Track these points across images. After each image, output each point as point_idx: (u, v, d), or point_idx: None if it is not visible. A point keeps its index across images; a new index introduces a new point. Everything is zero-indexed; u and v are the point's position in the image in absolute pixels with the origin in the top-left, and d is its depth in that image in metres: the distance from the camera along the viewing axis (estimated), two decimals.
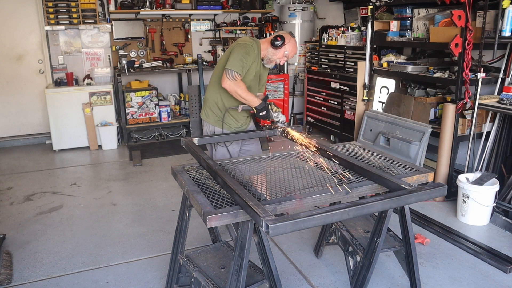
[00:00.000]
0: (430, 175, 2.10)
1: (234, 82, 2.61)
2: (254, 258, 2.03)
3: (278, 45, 2.72)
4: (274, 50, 2.75)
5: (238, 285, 1.77)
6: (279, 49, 2.74)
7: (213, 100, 2.88)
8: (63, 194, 4.06)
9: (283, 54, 2.77)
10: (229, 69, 2.60)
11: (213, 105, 2.88)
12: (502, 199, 3.25)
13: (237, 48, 2.68)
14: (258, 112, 2.69)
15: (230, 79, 2.61)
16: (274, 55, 2.77)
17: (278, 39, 2.71)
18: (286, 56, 2.79)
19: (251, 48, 2.68)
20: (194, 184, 1.96)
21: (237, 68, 2.61)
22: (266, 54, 2.79)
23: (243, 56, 2.63)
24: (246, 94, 2.64)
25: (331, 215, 1.48)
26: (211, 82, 2.92)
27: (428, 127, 3.69)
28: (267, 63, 2.83)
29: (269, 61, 2.81)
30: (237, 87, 2.62)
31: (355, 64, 4.84)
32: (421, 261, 2.76)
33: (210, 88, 2.92)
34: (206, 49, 6.59)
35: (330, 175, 2.03)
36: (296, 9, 6.36)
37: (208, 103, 2.92)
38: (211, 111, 2.89)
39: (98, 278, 2.68)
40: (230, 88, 2.63)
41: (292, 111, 6.36)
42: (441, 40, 3.57)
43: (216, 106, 2.87)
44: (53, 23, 5.46)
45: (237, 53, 2.65)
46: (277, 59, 2.79)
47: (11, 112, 5.81)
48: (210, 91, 2.91)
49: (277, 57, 2.78)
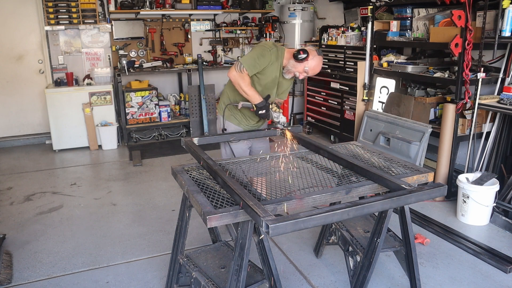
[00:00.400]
0: (430, 175, 2.10)
1: (239, 74, 2.63)
2: (254, 258, 2.03)
3: (300, 59, 2.67)
4: (295, 63, 2.71)
5: (238, 285, 1.77)
6: (300, 63, 2.69)
7: (225, 95, 2.97)
8: (63, 194, 4.06)
9: (303, 69, 2.71)
10: (240, 62, 2.65)
11: (225, 99, 2.97)
12: (502, 199, 3.25)
13: (255, 48, 2.76)
14: (258, 110, 2.68)
15: (237, 70, 2.64)
16: (294, 67, 2.73)
17: (301, 53, 2.66)
18: (306, 71, 2.72)
19: (268, 52, 2.68)
20: (194, 184, 1.96)
21: (247, 64, 2.63)
22: (287, 64, 2.75)
23: (257, 56, 2.66)
24: (248, 89, 2.65)
25: (331, 215, 1.48)
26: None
27: (428, 127, 3.69)
28: (285, 73, 2.79)
29: (288, 71, 2.77)
30: (241, 80, 2.63)
31: (355, 64, 4.84)
32: (421, 261, 2.76)
33: (228, 83, 2.97)
34: (206, 49, 6.59)
35: (329, 175, 2.03)
36: (296, 9, 6.36)
37: (222, 98, 3.02)
38: (223, 104, 2.96)
39: (98, 278, 2.68)
40: (234, 79, 2.66)
41: (292, 111, 6.37)
42: (441, 40, 3.57)
43: (229, 100, 2.93)
44: (53, 23, 5.46)
45: (253, 52, 2.71)
46: (296, 72, 2.74)
47: (11, 112, 5.81)
48: (227, 85, 2.99)
49: (297, 70, 2.73)
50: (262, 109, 2.67)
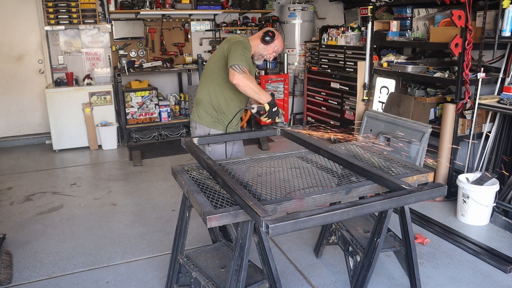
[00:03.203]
0: (430, 175, 2.10)
1: (246, 76, 2.47)
2: (254, 258, 2.03)
3: (269, 41, 2.68)
4: (265, 46, 2.72)
5: (238, 285, 1.77)
6: (270, 45, 2.71)
7: (207, 101, 2.77)
8: (63, 194, 4.06)
9: (273, 49, 2.74)
10: (236, 64, 2.46)
11: (207, 106, 2.77)
12: (502, 199, 3.25)
13: (234, 45, 2.59)
14: (271, 107, 2.55)
15: (240, 72, 2.45)
16: (265, 51, 2.74)
17: (270, 34, 2.67)
18: (275, 51, 2.76)
19: (248, 44, 2.64)
20: (194, 184, 1.96)
21: (244, 62, 2.49)
22: (257, 50, 2.73)
23: (243, 51, 2.54)
24: (259, 88, 2.52)
25: (331, 215, 1.48)
26: (202, 83, 2.82)
27: (428, 127, 3.69)
28: (257, 59, 2.78)
29: (260, 57, 2.77)
30: (250, 81, 2.48)
31: (355, 64, 4.84)
32: (421, 261, 2.76)
33: (203, 89, 2.81)
34: (206, 49, 6.60)
35: (329, 175, 2.03)
36: (296, 9, 6.36)
37: (202, 105, 2.79)
38: (205, 112, 2.77)
39: (98, 278, 2.68)
40: (243, 82, 2.46)
41: (292, 111, 6.37)
42: (441, 40, 3.57)
43: (211, 107, 2.76)
44: (53, 23, 5.46)
45: (237, 49, 2.54)
46: (267, 55, 2.76)
47: (11, 112, 5.81)
48: (203, 91, 2.80)
49: (268, 53, 2.75)
50: (274, 106, 2.58)
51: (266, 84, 6.12)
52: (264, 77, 6.12)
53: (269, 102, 2.55)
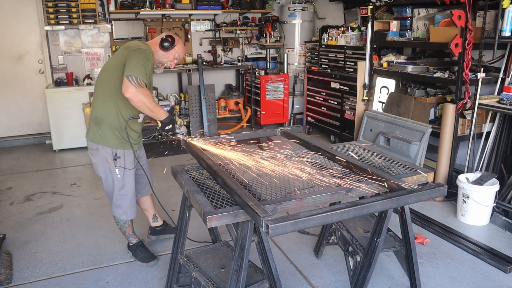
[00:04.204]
0: (430, 175, 2.10)
1: (141, 90, 2.20)
2: (254, 258, 2.03)
3: (169, 47, 2.50)
4: (165, 53, 2.52)
5: (238, 285, 1.77)
6: (170, 51, 2.52)
7: (110, 120, 2.46)
8: (63, 194, 4.06)
9: (174, 56, 2.56)
10: (132, 75, 2.19)
11: (111, 126, 2.47)
12: (502, 199, 3.25)
13: (135, 53, 2.31)
14: (164, 126, 2.40)
15: (135, 85, 2.18)
16: (165, 58, 2.54)
17: (169, 40, 2.48)
18: (176, 58, 2.58)
19: (150, 54, 2.39)
20: (194, 184, 1.96)
21: (141, 74, 2.23)
22: (156, 57, 2.52)
23: (144, 62, 2.29)
24: (154, 105, 2.30)
25: (331, 215, 1.48)
26: (101, 98, 2.48)
27: (428, 127, 3.69)
28: (156, 68, 2.56)
29: (160, 65, 2.56)
30: (145, 97, 2.22)
31: (355, 64, 4.84)
32: (421, 261, 2.76)
33: (100, 105, 2.48)
34: (206, 49, 6.60)
35: (330, 176, 2.03)
36: (296, 9, 6.36)
37: (105, 124, 2.47)
38: (110, 132, 2.48)
39: (98, 278, 2.68)
40: (137, 98, 2.19)
41: (292, 111, 6.37)
42: (441, 40, 3.57)
43: (114, 127, 2.47)
44: (53, 23, 5.46)
45: (137, 59, 2.28)
46: (168, 62, 2.57)
47: (11, 112, 5.81)
48: (101, 109, 2.48)
49: (168, 59, 2.56)
50: (169, 124, 2.41)
51: (266, 84, 6.13)
52: (264, 77, 6.12)
53: (162, 121, 2.38)
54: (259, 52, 6.98)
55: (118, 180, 2.62)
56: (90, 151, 2.65)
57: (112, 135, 2.50)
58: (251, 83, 6.38)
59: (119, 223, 2.83)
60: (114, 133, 2.50)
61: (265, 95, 6.17)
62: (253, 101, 6.41)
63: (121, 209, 2.71)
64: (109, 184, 2.66)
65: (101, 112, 2.49)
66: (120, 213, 2.73)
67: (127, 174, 2.62)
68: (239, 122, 6.48)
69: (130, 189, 2.68)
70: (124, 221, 2.80)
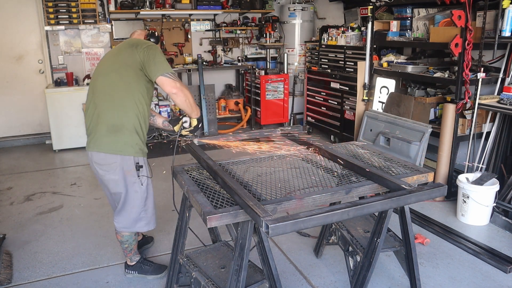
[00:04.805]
0: (430, 175, 2.10)
1: (184, 85, 2.19)
2: (254, 258, 2.03)
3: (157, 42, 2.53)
4: None
5: (238, 285, 1.77)
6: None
7: (130, 125, 2.26)
8: (63, 194, 4.06)
9: None
10: (167, 72, 2.15)
11: (131, 131, 2.26)
12: (502, 199, 3.25)
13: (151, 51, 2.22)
14: (199, 122, 2.38)
15: (177, 80, 2.16)
16: None
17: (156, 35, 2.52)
18: None
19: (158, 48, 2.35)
20: (194, 184, 1.96)
21: (171, 69, 2.19)
22: None
23: (164, 57, 2.25)
24: (194, 100, 2.27)
25: (331, 215, 1.48)
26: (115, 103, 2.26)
27: (428, 127, 3.69)
28: None
29: None
30: (188, 91, 2.19)
31: (355, 64, 4.84)
32: (421, 261, 2.76)
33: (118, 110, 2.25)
34: (206, 49, 6.60)
35: (329, 175, 2.03)
36: (296, 9, 6.36)
37: (124, 131, 2.25)
38: (131, 139, 2.27)
39: (98, 278, 2.68)
40: (183, 92, 2.17)
41: (292, 111, 6.37)
42: (441, 40, 3.57)
43: (135, 131, 2.28)
44: (53, 23, 5.46)
45: (158, 55, 2.22)
46: None
47: (11, 112, 5.81)
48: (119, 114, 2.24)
49: None
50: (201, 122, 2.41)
51: (266, 84, 6.13)
52: (264, 77, 6.12)
53: (199, 118, 2.35)
54: (259, 52, 6.98)
55: (142, 191, 2.37)
56: (102, 167, 2.31)
57: (133, 142, 2.27)
58: (251, 83, 6.38)
59: (126, 242, 2.53)
60: (134, 139, 2.28)
61: (265, 95, 6.17)
62: (253, 101, 6.41)
63: (142, 221, 2.45)
64: (132, 199, 2.36)
65: (119, 118, 2.24)
66: (142, 225, 2.46)
67: (149, 183, 2.44)
68: (239, 122, 6.48)
69: (152, 197, 2.49)
70: (134, 237, 2.55)
